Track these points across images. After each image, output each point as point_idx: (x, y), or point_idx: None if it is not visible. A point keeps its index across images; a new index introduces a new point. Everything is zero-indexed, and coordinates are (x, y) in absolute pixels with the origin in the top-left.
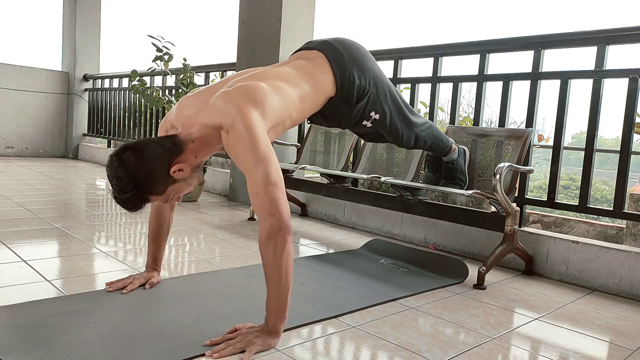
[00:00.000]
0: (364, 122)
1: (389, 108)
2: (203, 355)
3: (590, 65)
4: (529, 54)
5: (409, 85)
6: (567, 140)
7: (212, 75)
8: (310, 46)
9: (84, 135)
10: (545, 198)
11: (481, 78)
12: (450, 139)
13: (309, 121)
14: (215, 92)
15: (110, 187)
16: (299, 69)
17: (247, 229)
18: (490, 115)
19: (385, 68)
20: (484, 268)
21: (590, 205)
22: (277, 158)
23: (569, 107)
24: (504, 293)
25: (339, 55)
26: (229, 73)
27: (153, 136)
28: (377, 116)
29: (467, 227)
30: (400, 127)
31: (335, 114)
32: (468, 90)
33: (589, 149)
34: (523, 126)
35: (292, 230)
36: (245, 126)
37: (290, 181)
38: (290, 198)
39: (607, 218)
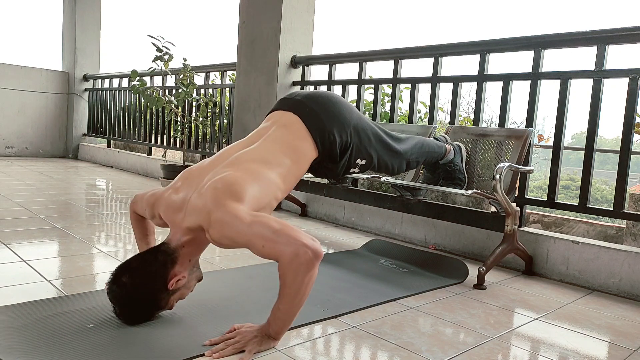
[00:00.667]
0: (352, 170)
1: (375, 150)
2: (203, 355)
3: (590, 65)
4: (529, 54)
5: (409, 85)
6: (567, 140)
7: (212, 75)
8: (285, 106)
9: (84, 135)
10: (545, 198)
11: (481, 78)
12: (443, 143)
13: None
14: (197, 185)
15: (116, 313)
16: (277, 143)
17: None
18: (490, 115)
19: (385, 68)
20: (484, 268)
21: (590, 205)
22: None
23: (569, 107)
24: (504, 293)
25: (315, 117)
26: (229, 73)
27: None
28: (363, 162)
29: (467, 227)
30: (389, 161)
31: (321, 169)
32: (468, 90)
33: (589, 149)
34: (523, 126)
35: (322, 254)
36: (223, 213)
37: None
38: (290, 198)
39: (607, 218)
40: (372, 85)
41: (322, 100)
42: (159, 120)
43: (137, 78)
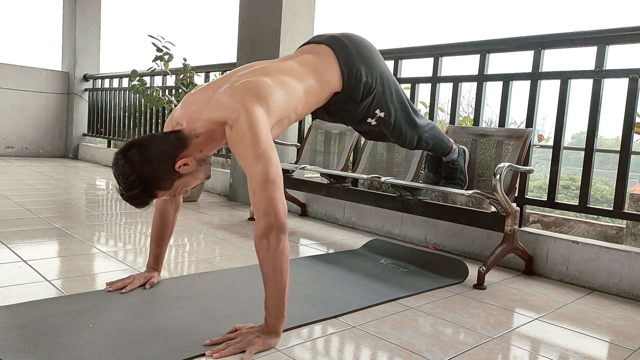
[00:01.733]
0: (369, 120)
1: (394, 107)
2: (203, 355)
3: (590, 65)
4: (529, 54)
5: (409, 85)
6: (567, 140)
7: (212, 75)
8: (318, 40)
9: (84, 135)
10: (545, 198)
11: (481, 78)
12: (450, 139)
13: (312, 116)
14: (220, 88)
15: (117, 185)
16: (304, 64)
17: (247, 229)
18: (490, 115)
19: None
20: (484, 268)
21: (590, 205)
22: (277, 157)
23: (569, 107)
24: (504, 293)
25: (347, 51)
26: None
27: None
28: (382, 114)
29: (467, 227)
30: (404, 127)
31: (339, 110)
32: (468, 90)
33: (589, 149)
34: (523, 126)
35: (287, 229)
36: (248, 122)
37: (290, 181)
38: (290, 198)
39: (607, 218)
40: None
41: (356, 40)
42: (159, 120)
43: (137, 78)
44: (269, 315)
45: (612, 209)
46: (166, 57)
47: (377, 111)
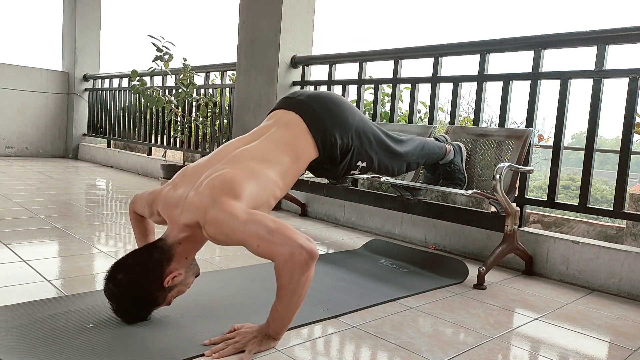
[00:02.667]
0: (352, 172)
1: (375, 152)
2: (202, 355)
3: (590, 65)
4: (529, 54)
5: (409, 85)
6: (567, 140)
7: (212, 75)
8: (287, 106)
9: (84, 135)
10: (545, 198)
11: (481, 78)
12: (443, 144)
13: None
14: (195, 181)
15: (113, 310)
16: (277, 142)
17: None
18: (490, 115)
19: (385, 68)
20: (484, 268)
21: (590, 205)
22: (269, 216)
23: (569, 107)
24: (504, 293)
25: (317, 118)
26: (229, 73)
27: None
28: (364, 164)
29: (467, 227)
30: (389, 163)
31: (321, 169)
32: (468, 90)
33: (589, 149)
34: (523, 126)
35: (317, 256)
36: (219, 210)
37: None
38: (290, 198)
39: (607, 218)
40: (372, 85)
41: (325, 101)
42: (159, 120)
43: (137, 78)
44: (274, 324)
45: (612, 209)
46: (166, 57)
47: (359, 162)
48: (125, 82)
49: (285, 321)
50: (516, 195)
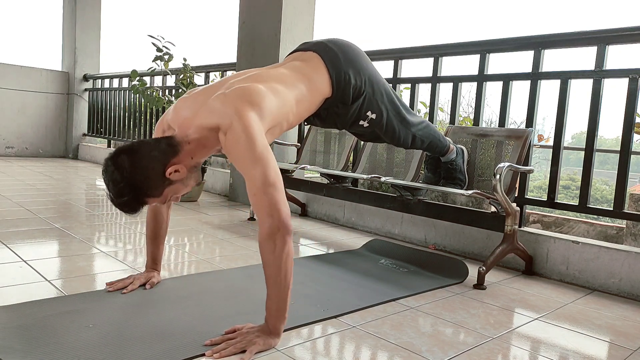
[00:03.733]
0: (361, 122)
1: (386, 107)
2: (203, 355)
3: (590, 65)
4: (529, 54)
5: (409, 85)
6: (567, 140)
7: (212, 75)
8: (305, 47)
9: (84, 135)
10: (545, 198)
11: (481, 78)
12: (447, 138)
13: (305, 123)
14: (213, 94)
15: (107, 192)
16: (295, 71)
17: (247, 229)
18: (490, 115)
19: (385, 68)
20: (484, 268)
21: (590, 205)
22: (275, 159)
23: (569, 107)
24: (504, 293)
25: (334, 55)
26: (229, 73)
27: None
28: (373, 115)
29: (467, 227)
30: (397, 126)
31: (331, 114)
32: (468, 90)
33: (589, 149)
34: (523, 126)
35: (292, 230)
36: (242, 127)
37: (290, 181)
38: (290, 198)
39: (607, 218)
40: None
41: (342, 44)
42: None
43: (137, 78)
44: (270, 315)
45: (612, 209)
46: (166, 57)
47: (369, 113)
48: (125, 82)
49: (280, 308)
50: (516, 195)
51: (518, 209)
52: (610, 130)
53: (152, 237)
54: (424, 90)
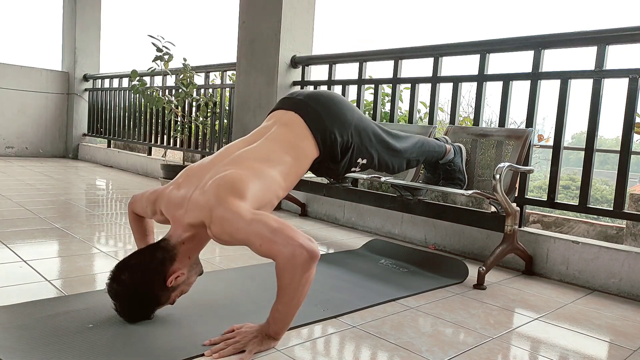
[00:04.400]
0: (353, 169)
1: (376, 149)
2: (203, 355)
3: (590, 65)
4: (529, 54)
5: (409, 85)
6: (567, 140)
7: (212, 75)
8: (286, 106)
9: (84, 135)
10: (545, 198)
11: (481, 78)
12: (444, 138)
13: None
14: (199, 182)
15: (116, 310)
16: (279, 141)
17: None
18: (490, 115)
19: (385, 68)
20: (484, 268)
21: (590, 205)
22: (273, 216)
23: (569, 107)
24: (504, 293)
25: (317, 117)
26: (229, 73)
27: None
28: (364, 161)
29: (467, 227)
30: (390, 160)
31: (322, 168)
32: (468, 90)
33: (589, 149)
34: (523, 126)
35: (318, 256)
36: (224, 209)
37: None
38: (290, 198)
39: (607, 218)
40: (372, 85)
41: (323, 100)
42: (159, 120)
43: (137, 78)
44: (275, 324)
45: (612, 209)
46: (166, 57)
47: (360, 159)
48: (125, 82)
49: (286, 321)
50: (516, 195)
51: (518, 209)
52: (610, 130)
53: (140, 237)
54: (424, 90)
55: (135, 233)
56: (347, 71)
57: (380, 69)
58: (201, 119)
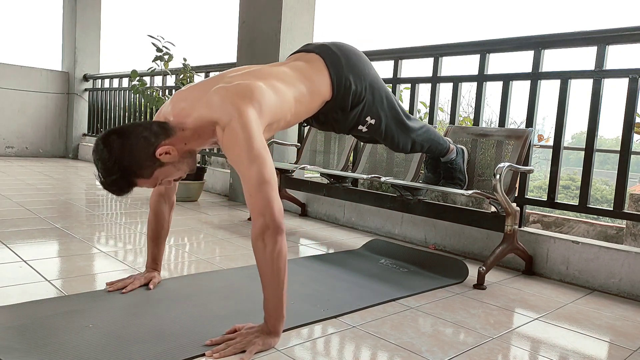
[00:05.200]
0: (360, 127)
1: (385, 114)
2: (203, 355)
3: (590, 65)
4: (529, 54)
5: (409, 85)
6: (567, 140)
7: (212, 75)
8: (308, 49)
9: (84, 135)
10: (545, 198)
11: (481, 78)
12: (448, 139)
13: (304, 124)
14: (212, 87)
15: (96, 171)
16: (296, 70)
17: (247, 229)
18: (490, 115)
19: (385, 68)
20: (484, 268)
21: (590, 205)
22: (271, 157)
23: (569, 107)
24: (504, 293)
25: (337, 59)
26: None
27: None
28: (372, 121)
29: (467, 227)
30: (396, 132)
31: (329, 119)
32: (468, 90)
33: (589, 149)
34: (523, 126)
35: (283, 229)
36: (241, 125)
37: (290, 181)
38: (291, 198)
39: (607, 218)
40: None
41: (346, 49)
42: None
43: (137, 78)
44: (269, 316)
45: (612, 209)
46: (166, 57)
47: (368, 118)
48: (125, 82)
49: (278, 307)
50: (516, 195)
51: (518, 209)
52: (610, 130)
53: (153, 237)
54: (424, 90)
55: (149, 230)
56: None
57: (381, 69)
58: None
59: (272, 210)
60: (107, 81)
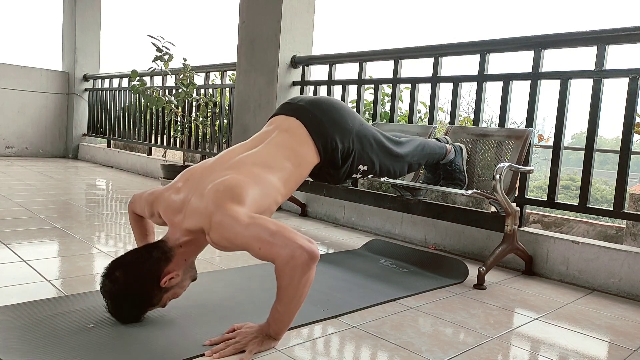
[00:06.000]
0: (354, 175)
1: (376, 155)
2: (203, 355)
3: (590, 65)
4: (529, 54)
5: (409, 85)
6: (567, 140)
7: (212, 75)
8: (287, 112)
9: (84, 135)
10: (545, 198)
11: (481, 78)
12: (444, 144)
13: None
14: (200, 183)
15: (106, 307)
16: (280, 146)
17: None
18: (490, 115)
19: (385, 68)
20: (484, 268)
21: (590, 205)
22: (273, 220)
23: (569, 107)
24: (504, 293)
25: (317, 122)
26: (229, 73)
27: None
28: (365, 167)
29: (467, 227)
30: (390, 165)
31: (323, 174)
32: (468, 90)
33: (589, 149)
34: (523, 126)
35: (318, 256)
36: (222, 215)
37: None
38: (290, 198)
39: (607, 218)
40: (372, 85)
41: (325, 106)
42: (159, 120)
43: (137, 78)
44: (275, 324)
45: (612, 209)
46: (166, 57)
47: (360, 166)
48: (125, 82)
49: (286, 322)
50: (516, 195)
51: (518, 209)
52: (610, 130)
53: (140, 237)
54: (424, 90)
55: (135, 233)
56: (347, 71)
57: (380, 69)
58: (201, 119)
59: (298, 242)
60: (107, 81)
